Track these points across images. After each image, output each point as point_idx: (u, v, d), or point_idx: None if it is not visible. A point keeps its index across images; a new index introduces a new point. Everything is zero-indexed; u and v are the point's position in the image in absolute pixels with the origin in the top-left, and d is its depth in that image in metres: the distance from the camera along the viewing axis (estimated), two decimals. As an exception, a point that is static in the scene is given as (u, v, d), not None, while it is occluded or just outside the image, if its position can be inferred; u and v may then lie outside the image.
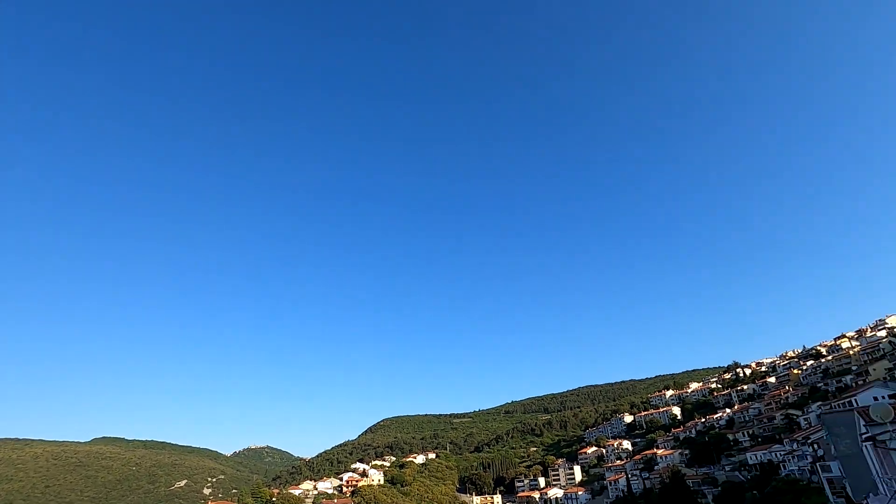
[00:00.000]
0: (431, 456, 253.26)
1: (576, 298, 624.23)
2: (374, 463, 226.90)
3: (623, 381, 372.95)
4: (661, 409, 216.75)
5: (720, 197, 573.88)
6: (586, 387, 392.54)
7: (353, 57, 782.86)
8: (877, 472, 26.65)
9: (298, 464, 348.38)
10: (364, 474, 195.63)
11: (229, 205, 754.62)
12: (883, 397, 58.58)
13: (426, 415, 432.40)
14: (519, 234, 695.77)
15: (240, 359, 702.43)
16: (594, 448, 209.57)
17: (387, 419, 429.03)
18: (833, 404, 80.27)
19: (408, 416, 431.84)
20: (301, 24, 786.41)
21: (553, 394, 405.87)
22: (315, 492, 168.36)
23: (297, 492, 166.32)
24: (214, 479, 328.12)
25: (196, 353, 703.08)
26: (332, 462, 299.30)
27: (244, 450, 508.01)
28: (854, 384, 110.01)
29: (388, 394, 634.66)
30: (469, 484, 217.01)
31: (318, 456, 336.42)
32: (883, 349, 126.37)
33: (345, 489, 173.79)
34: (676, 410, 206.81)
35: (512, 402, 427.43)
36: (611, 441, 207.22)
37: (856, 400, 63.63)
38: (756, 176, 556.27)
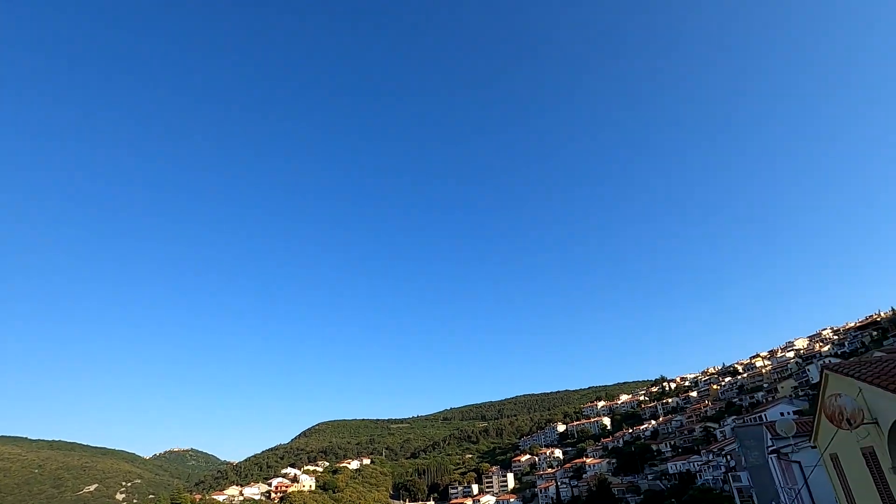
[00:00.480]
0: (366, 462, 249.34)
1: (517, 309, 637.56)
2: (306, 468, 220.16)
3: (559, 391, 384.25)
4: (593, 420, 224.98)
5: (655, 227, 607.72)
6: (524, 395, 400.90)
7: (339, 54, 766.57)
8: (779, 482, 29.04)
9: (225, 468, 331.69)
10: (295, 480, 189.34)
11: (154, 191, 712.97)
12: (788, 413, 63.91)
13: (364, 420, 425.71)
14: (468, 239, 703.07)
15: (163, 355, 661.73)
16: (528, 456, 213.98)
17: (323, 423, 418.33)
18: (746, 418, 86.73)
19: (345, 420, 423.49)
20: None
21: (492, 401, 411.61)
22: (241, 497, 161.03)
23: (221, 497, 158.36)
24: (129, 484, 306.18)
25: (113, 347, 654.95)
26: (261, 467, 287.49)
27: (165, 452, 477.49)
28: (765, 400, 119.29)
29: (326, 397, 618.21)
30: (403, 490, 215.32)
31: (246, 460, 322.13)
32: (790, 369, 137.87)
33: (273, 495, 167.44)
34: (607, 421, 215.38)
35: (451, 408, 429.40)
36: (543, 449, 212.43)
37: (765, 415, 69.05)
38: (681, 197, 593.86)
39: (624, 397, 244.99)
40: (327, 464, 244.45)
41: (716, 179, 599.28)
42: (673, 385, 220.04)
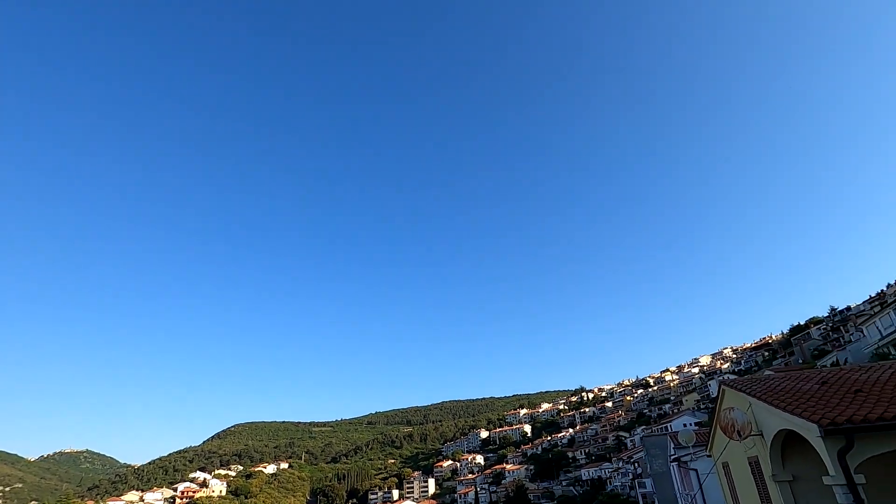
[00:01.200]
0: (284, 466, 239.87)
1: (447, 314, 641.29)
2: (217, 472, 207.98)
3: (484, 398, 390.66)
4: (515, 427, 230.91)
5: (579, 244, 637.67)
6: (450, 401, 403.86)
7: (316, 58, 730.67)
8: (678, 487, 31.28)
9: (124, 471, 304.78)
10: (204, 484, 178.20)
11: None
12: (690, 424, 68.91)
13: (284, 422, 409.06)
14: (403, 242, 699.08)
15: (56, 345, 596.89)
16: (450, 462, 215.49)
17: (239, 425, 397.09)
18: (653, 429, 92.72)
19: (263, 422, 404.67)
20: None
21: (417, 406, 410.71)
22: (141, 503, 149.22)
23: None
24: (8, 489, 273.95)
25: None
26: (167, 470, 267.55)
27: (55, 454, 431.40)
28: (671, 412, 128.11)
29: (243, 397, 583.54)
30: (321, 496, 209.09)
31: (150, 463, 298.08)
32: (695, 383, 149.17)
33: (178, 501, 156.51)
34: (528, 428, 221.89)
35: (376, 412, 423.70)
36: (466, 455, 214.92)
37: (671, 426, 74.16)
38: (605, 216, 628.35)
39: (545, 405, 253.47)
40: (241, 468, 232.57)
41: (636, 202, 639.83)
42: (591, 395, 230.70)
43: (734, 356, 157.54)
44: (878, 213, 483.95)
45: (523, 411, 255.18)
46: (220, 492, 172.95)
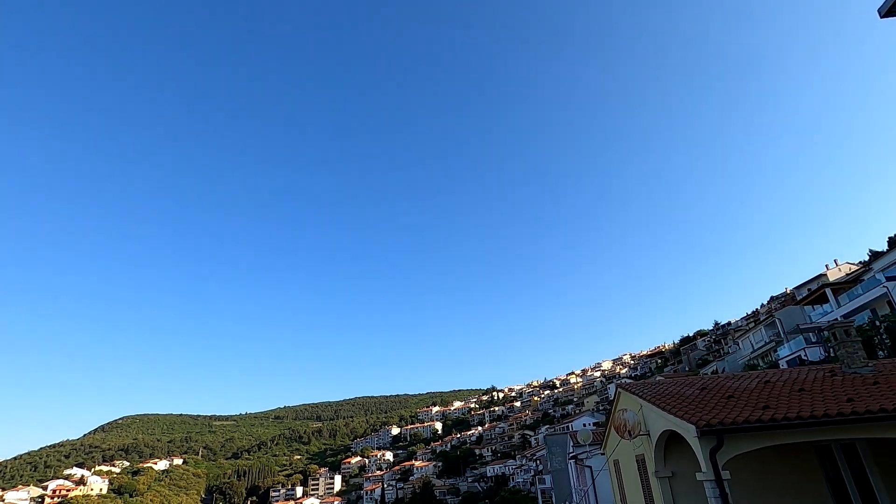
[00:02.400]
0: (178, 462, 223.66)
1: (362, 309, 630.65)
2: (97, 468, 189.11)
3: (398, 395, 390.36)
4: (426, 424, 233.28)
5: (499, 250, 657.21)
6: (363, 397, 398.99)
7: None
8: (574, 483, 33.30)
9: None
10: (81, 482, 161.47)
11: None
12: (589, 424, 73.52)
13: (181, 415, 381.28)
14: (319, 232, 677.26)
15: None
16: (358, 458, 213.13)
17: (127, 417, 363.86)
18: (556, 428, 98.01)
19: (156, 414, 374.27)
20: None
21: (329, 402, 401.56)
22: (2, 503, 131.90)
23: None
24: None
25: None
26: (36, 466, 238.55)
27: None
28: (573, 412, 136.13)
29: (133, 387, 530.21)
30: (217, 494, 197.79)
31: (16, 458, 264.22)
32: (596, 386, 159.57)
33: (48, 500, 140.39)
34: (438, 426, 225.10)
35: (284, 406, 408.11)
36: (375, 452, 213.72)
37: (572, 425, 78.72)
38: (525, 218, 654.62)
39: (457, 404, 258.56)
40: (127, 464, 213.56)
41: (545, 206, 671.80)
42: (501, 395, 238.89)
43: (632, 362, 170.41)
44: (769, 232, 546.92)
45: (435, 409, 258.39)
46: (101, 490, 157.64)
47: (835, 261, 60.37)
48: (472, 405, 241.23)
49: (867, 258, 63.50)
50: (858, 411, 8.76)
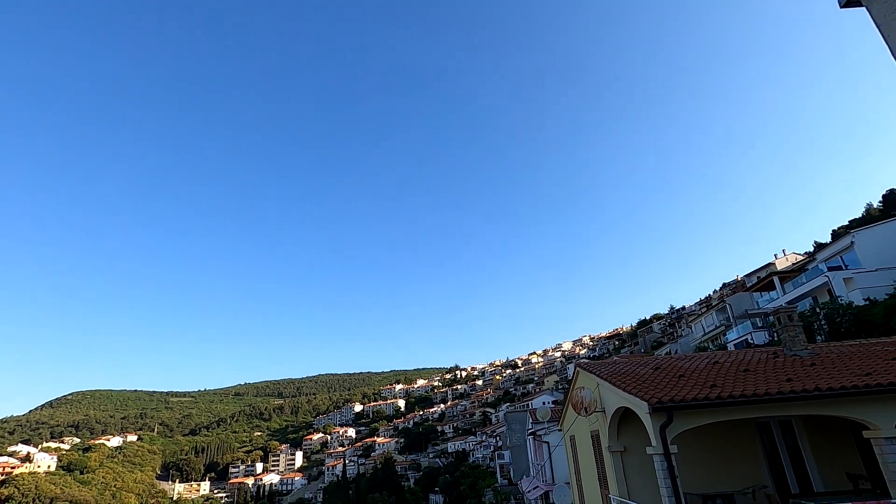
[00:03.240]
0: (132, 438, 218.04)
1: (328, 285, 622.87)
2: (45, 445, 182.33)
3: (362, 373, 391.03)
4: (389, 401, 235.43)
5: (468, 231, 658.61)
6: (326, 375, 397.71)
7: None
8: (532, 458, 34.48)
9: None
10: (27, 459, 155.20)
11: None
12: (548, 402, 75.90)
13: (135, 391, 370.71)
14: (285, 205, 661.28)
15: None
16: (320, 434, 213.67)
17: (78, 392, 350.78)
18: (516, 405, 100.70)
19: (109, 390, 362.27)
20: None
21: (291, 379, 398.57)
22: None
23: None
24: None
25: None
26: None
27: None
28: (534, 391, 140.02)
29: (85, 362, 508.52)
30: (175, 470, 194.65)
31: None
32: (556, 366, 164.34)
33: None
34: (402, 403, 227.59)
35: (245, 383, 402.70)
36: (337, 428, 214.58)
37: (531, 403, 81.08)
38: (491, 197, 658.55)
39: (421, 382, 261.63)
40: (78, 440, 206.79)
41: (513, 188, 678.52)
42: (464, 373, 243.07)
43: (591, 343, 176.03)
44: (727, 223, 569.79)
45: (399, 387, 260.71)
46: (49, 467, 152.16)
47: (783, 251, 63.55)
48: (436, 383, 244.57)
49: (812, 249, 67.37)
50: (796, 390, 9.36)
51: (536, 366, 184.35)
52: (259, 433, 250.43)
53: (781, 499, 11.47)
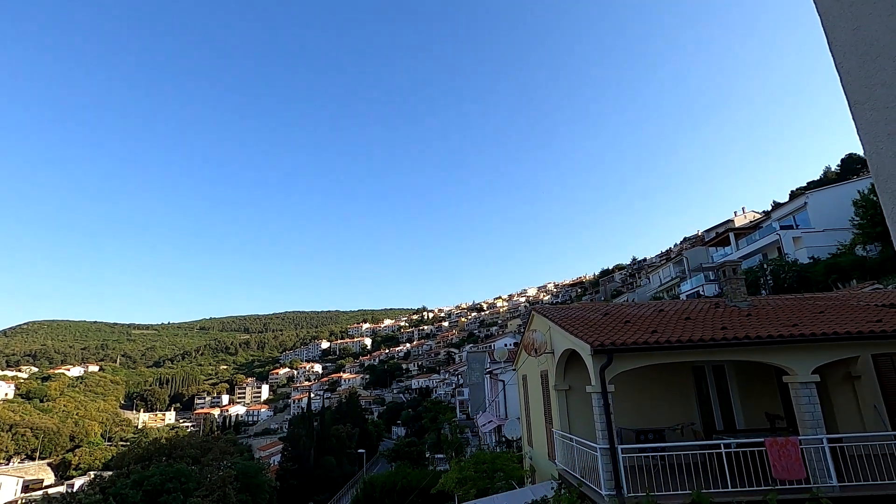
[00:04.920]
0: (94, 369, 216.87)
1: (296, 220, 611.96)
2: (1, 374, 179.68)
3: (329, 311, 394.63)
4: (356, 339, 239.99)
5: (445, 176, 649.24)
6: (293, 312, 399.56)
7: None
8: (488, 394, 36.24)
9: None
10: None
11: None
12: (509, 344, 78.91)
13: (95, 322, 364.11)
14: (254, 132, 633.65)
15: None
16: (287, 369, 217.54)
17: (34, 322, 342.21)
18: (479, 347, 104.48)
19: (67, 321, 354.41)
20: None
21: (258, 315, 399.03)
22: None
23: None
24: None
25: None
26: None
27: None
28: (497, 333, 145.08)
29: (39, 290, 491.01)
30: (139, 400, 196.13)
31: None
32: (520, 311, 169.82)
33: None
34: (368, 341, 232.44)
35: (210, 318, 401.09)
36: (304, 364, 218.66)
37: (493, 345, 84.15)
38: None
39: (388, 321, 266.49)
40: (36, 369, 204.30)
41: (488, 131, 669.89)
42: (431, 315, 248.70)
43: (555, 290, 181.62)
44: (695, 178, 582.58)
45: (366, 325, 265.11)
46: (6, 395, 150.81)
47: (742, 208, 65.79)
48: (402, 323, 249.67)
49: (770, 208, 69.97)
50: (728, 337, 9.93)
51: (501, 310, 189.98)
52: (225, 367, 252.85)
53: (707, 435, 12.48)
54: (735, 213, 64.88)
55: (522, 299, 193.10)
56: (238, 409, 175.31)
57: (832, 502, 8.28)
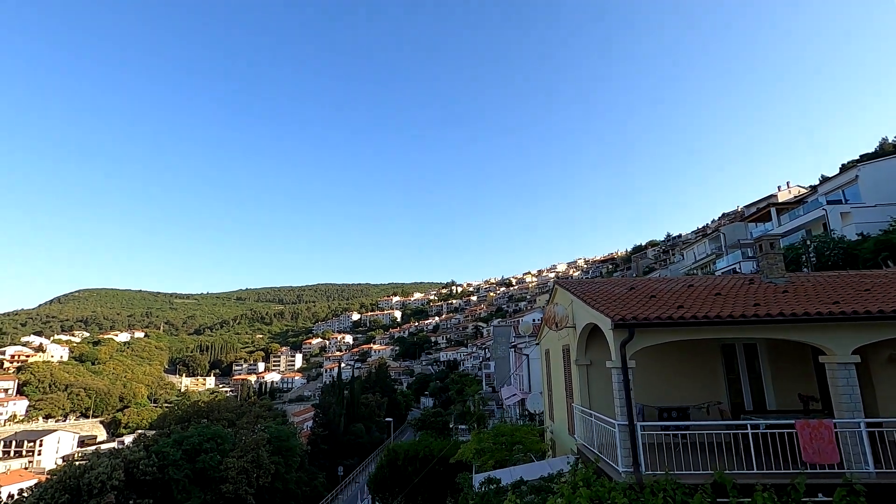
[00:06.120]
0: (140, 335, 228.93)
1: (331, 195, 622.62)
2: (56, 338, 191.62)
3: (360, 284, 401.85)
4: (386, 312, 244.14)
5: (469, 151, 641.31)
6: (325, 284, 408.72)
7: None
8: (512, 369, 36.22)
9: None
10: (41, 349, 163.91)
11: None
12: (536, 319, 78.55)
13: (140, 291, 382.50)
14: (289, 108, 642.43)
15: None
16: (319, 340, 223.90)
17: (85, 290, 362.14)
18: (506, 321, 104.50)
19: (115, 289, 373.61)
20: None
21: (292, 286, 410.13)
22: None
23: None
24: None
25: None
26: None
27: None
28: (525, 308, 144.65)
29: (90, 260, 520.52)
30: (181, 366, 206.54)
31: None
32: (549, 286, 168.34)
33: (7, 365, 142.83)
34: (398, 314, 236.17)
35: (247, 288, 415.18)
36: (335, 335, 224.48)
37: (521, 320, 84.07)
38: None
39: (417, 295, 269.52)
40: (87, 334, 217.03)
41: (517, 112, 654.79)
42: (460, 289, 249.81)
43: (585, 266, 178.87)
44: (739, 152, 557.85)
45: (396, 298, 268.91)
46: (61, 357, 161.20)
47: (787, 183, 62.28)
48: (432, 297, 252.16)
49: (818, 183, 65.96)
50: (759, 314, 9.35)
51: (530, 285, 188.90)
52: (260, 336, 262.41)
53: (735, 415, 11.99)
54: (779, 187, 61.58)
55: (552, 275, 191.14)
56: (273, 377, 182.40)
57: (867, 489, 7.80)
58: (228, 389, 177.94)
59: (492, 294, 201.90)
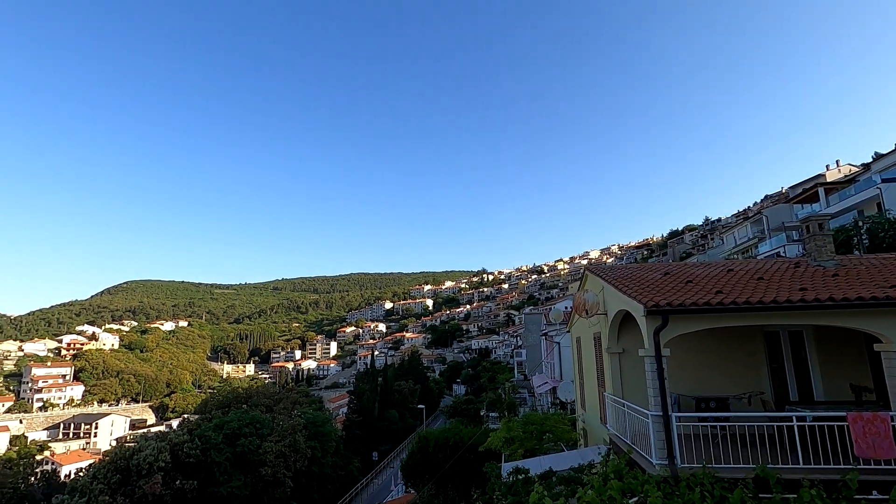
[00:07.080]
0: (183, 324, 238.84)
1: (363, 187, 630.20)
2: (107, 327, 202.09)
3: (392, 273, 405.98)
4: (418, 300, 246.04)
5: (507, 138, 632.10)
6: (358, 273, 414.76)
7: None
8: (543, 356, 35.79)
9: None
10: (94, 338, 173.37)
11: None
12: (568, 307, 77.39)
13: (182, 282, 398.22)
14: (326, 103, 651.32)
15: None
16: (353, 328, 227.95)
17: (132, 281, 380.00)
18: (538, 309, 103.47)
19: (159, 280, 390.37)
20: None
21: (325, 276, 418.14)
22: (20, 353, 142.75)
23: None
24: None
25: None
26: (49, 322, 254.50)
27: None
28: (558, 296, 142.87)
29: (135, 253, 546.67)
30: (223, 353, 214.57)
31: (30, 314, 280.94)
32: (581, 273, 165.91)
33: (64, 353, 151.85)
34: (430, 302, 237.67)
35: (283, 279, 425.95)
36: (368, 323, 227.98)
37: (552, 307, 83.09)
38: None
39: (449, 283, 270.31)
40: (135, 323, 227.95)
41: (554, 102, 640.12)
42: (491, 277, 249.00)
43: (619, 252, 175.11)
44: (784, 132, 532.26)
45: (427, 287, 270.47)
46: (113, 345, 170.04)
47: (836, 161, 58.54)
48: (463, 285, 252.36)
49: (871, 160, 61.77)
50: (806, 299, 8.72)
51: (562, 272, 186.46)
52: (297, 324, 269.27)
53: (778, 406, 11.35)
54: (827, 166, 58.03)
55: (584, 262, 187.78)
56: (310, 364, 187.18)
57: (927, 487, 7.19)
58: (267, 376, 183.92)
59: (523, 282, 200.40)
